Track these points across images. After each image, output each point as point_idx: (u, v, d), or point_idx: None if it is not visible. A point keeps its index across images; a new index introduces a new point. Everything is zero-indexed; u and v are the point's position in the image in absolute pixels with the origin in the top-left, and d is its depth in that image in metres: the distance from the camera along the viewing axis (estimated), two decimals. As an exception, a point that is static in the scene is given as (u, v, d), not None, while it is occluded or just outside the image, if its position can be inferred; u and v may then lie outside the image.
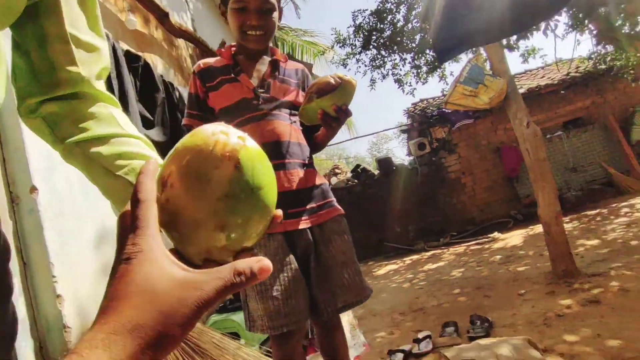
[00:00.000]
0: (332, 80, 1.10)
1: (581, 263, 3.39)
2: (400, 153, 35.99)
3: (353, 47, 6.21)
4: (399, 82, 6.30)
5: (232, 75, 1.18)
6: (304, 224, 1.13)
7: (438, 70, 6.16)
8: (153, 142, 2.40)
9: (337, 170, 8.51)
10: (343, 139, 12.82)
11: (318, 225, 1.16)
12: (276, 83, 1.21)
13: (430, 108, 7.46)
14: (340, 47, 6.30)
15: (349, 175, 7.91)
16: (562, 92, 7.06)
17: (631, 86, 6.65)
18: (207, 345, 1.65)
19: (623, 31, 4.54)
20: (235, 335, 1.96)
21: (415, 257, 6.08)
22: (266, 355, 1.85)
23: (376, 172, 7.56)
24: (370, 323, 3.28)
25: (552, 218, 3.01)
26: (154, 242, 0.29)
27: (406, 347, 2.18)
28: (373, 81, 6.39)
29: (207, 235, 0.32)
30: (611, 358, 1.87)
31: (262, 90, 1.18)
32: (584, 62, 6.78)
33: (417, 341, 2.22)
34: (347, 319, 2.98)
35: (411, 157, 7.53)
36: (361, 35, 5.97)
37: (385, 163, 7.42)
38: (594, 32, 4.86)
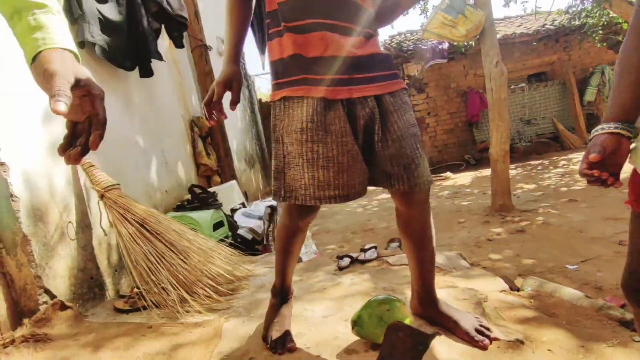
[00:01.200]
0: None
1: (517, 201, 3.76)
2: (370, 92, 35.57)
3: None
4: (379, 8, 5.99)
5: None
6: (370, 91, 0.97)
7: (420, 2, 5.92)
8: (105, 20, 2.15)
9: (305, 98, 8.31)
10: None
11: (388, 94, 0.99)
12: None
13: (407, 42, 7.28)
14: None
15: (317, 103, 7.77)
16: (534, 43, 7.14)
17: (596, 46, 6.86)
18: (164, 229, 1.69)
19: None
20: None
21: (370, 187, 6.37)
22: (223, 244, 1.94)
23: (344, 103, 7.49)
24: (323, 238, 3.51)
25: (500, 156, 3.24)
26: None
27: (353, 254, 2.38)
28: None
29: None
30: (523, 271, 2.19)
31: None
32: (561, 15, 6.81)
33: (364, 250, 2.42)
34: (301, 230, 3.15)
35: (380, 92, 7.49)
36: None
37: (354, 95, 7.34)
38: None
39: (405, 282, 1.61)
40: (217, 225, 2.37)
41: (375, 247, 2.49)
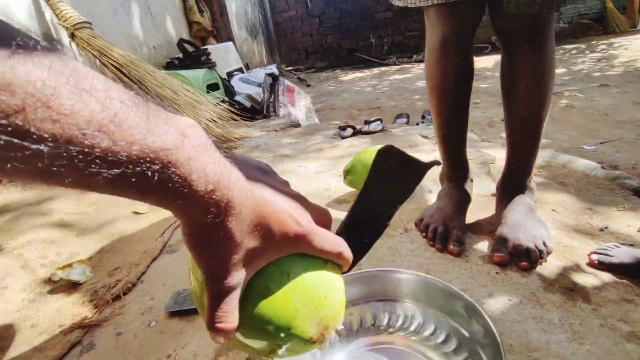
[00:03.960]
0: None
1: (541, 84, 3.44)
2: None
3: None
4: None
5: None
6: None
7: None
8: None
9: (317, -40, 7.15)
10: None
11: None
12: None
13: None
14: None
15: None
16: None
17: None
18: (146, 77, 1.52)
19: None
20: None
21: (384, 69, 5.93)
22: (222, 109, 1.80)
23: (362, -34, 6.46)
24: (327, 114, 3.35)
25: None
26: None
27: (357, 126, 2.25)
28: None
29: None
30: (536, 149, 2.07)
31: None
32: None
33: (368, 123, 2.29)
34: (303, 102, 2.98)
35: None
36: None
37: (374, -44, 6.27)
38: None
39: (408, 146, 1.50)
40: (211, 88, 2.19)
41: (380, 120, 2.35)
